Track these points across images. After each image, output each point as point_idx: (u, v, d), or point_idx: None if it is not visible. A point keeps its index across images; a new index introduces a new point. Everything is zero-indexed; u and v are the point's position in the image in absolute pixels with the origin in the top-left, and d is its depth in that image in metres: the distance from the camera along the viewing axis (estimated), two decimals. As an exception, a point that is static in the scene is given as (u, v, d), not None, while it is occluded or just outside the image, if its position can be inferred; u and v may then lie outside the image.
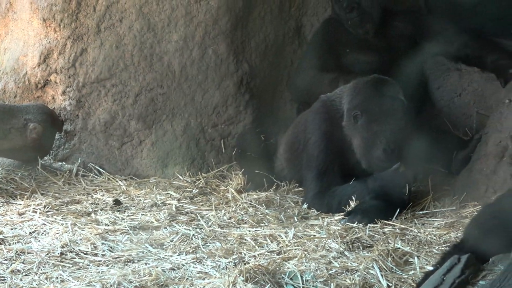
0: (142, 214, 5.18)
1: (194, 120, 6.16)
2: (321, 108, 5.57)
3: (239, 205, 5.38)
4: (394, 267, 4.23)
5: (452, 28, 6.27)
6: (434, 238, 4.74)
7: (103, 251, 4.48)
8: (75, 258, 4.36)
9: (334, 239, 4.63)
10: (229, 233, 4.81)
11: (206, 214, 5.18)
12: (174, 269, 4.21)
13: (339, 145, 5.44)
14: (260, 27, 6.35)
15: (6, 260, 4.28)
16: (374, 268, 4.18)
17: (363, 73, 5.70)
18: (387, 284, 4.02)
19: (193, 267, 4.23)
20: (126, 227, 4.87)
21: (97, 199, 5.48)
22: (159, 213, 5.18)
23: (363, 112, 5.30)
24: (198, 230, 4.87)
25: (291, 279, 4.04)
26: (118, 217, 5.09)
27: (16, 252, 4.38)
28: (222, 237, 4.76)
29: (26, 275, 4.12)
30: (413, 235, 4.79)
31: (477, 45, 6.22)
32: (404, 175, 5.14)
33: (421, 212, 5.22)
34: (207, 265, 4.25)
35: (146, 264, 4.27)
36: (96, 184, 5.89)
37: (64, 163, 6.14)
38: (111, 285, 3.94)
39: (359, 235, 4.72)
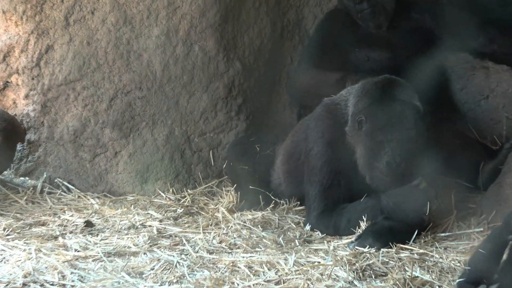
0: (118, 238, 5.15)
1: (178, 128, 6.18)
2: (324, 113, 5.54)
3: (231, 226, 5.37)
4: (412, 299, 4.23)
5: (477, 20, 6.32)
6: (458, 264, 4.70)
7: (73, 281, 4.42)
8: (39, 290, 4.31)
9: (342, 266, 4.60)
10: (219, 260, 4.77)
11: (193, 238, 5.16)
12: (155, 302, 4.23)
13: (345, 156, 5.38)
14: (254, 19, 6.43)
15: (-42, 293, 4.25)
16: (389, 300, 4.18)
17: (373, 73, 5.69)
18: (405, 319, 4.02)
19: (178, 299, 4.20)
20: (99, 253, 4.82)
21: (66, 220, 5.45)
22: (137, 237, 5.15)
23: (368, 117, 5.25)
24: (183, 256, 4.83)
25: (292, 313, 4.09)
26: (90, 242, 5.05)
27: (-29, 283, 4.35)
28: (211, 264, 4.73)
29: (-18, 310, 4.13)
30: (434, 261, 4.77)
31: (506, 40, 6.32)
32: (425, 192, 5.09)
33: (443, 235, 5.21)
34: (194, 298, 4.21)
35: (122, 296, 4.23)
36: (64, 202, 5.89)
37: (27, 178, 6.15)
38: (81, 322, 3.88)
39: (371, 262, 4.69)
